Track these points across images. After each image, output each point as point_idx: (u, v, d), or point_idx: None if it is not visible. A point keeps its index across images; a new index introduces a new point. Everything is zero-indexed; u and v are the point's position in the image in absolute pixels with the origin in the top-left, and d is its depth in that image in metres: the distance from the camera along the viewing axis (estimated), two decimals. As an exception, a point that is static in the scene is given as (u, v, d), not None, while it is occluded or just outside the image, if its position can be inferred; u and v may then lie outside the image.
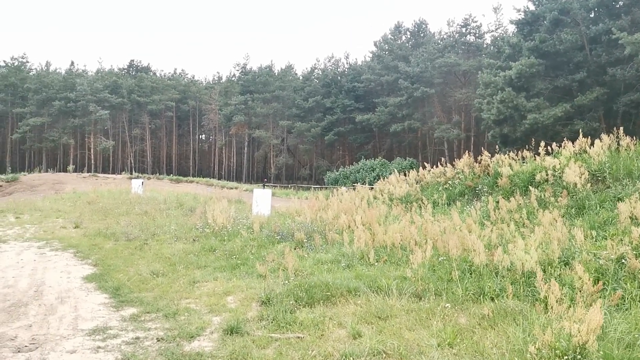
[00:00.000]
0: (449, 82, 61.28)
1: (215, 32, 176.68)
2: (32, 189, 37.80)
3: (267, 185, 44.84)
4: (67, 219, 19.08)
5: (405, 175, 19.50)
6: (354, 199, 17.07)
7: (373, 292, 7.45)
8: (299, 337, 5.83)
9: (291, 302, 7.08)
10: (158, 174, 64.33)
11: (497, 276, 7.51)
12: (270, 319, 6.49)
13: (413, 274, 7.77)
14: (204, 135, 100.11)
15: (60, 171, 61.52)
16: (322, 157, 78.46)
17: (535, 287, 6.78)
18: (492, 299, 6.80)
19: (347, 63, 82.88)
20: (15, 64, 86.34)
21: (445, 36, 66.75)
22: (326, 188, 37.52)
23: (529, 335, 5.37)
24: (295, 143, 77.28)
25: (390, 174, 33.05)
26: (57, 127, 79.00)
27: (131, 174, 60.67)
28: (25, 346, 5.82)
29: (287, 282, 7.98)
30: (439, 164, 18.51)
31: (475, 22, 63.53)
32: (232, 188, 40.88)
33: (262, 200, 18.57)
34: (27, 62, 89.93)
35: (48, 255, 12.26)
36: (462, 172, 16.66)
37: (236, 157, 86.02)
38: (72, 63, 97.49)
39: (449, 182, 16.51)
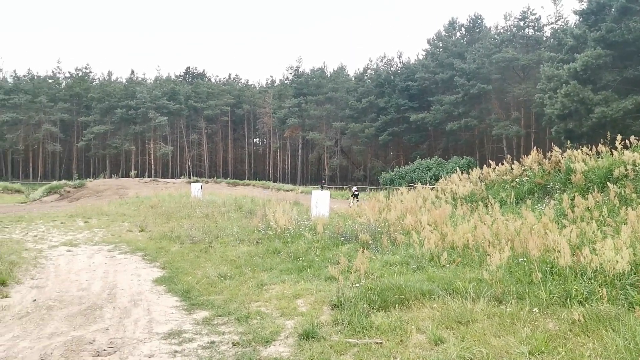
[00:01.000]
0: (507, 78, 59.59)
1: (269, 36, 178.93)
2: (98, 194, 39.16)
3: (324, 187, 44.81)
4: (133, 222, 19.54)
5: (463, 174, 18.95)
6: (416, 199, 16.68)
7: (449, 295, 7.13)
8: (378, 343, 5.59)
9: (364, 306, 6.86)
10: (215, 177, 65.46)
11: (583, 278, 7.04)
12: (345, 324, 6.28)
13: (490, 276, 7.39)
14: (258, 139, 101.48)
15: (123, 177, 63.61)
16: (376, 157, 77.92)
17: (628, 290, 6.29)
18: (581, 303, 6.36)
19: (400, 62, 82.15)
20: (80, 75, 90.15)
21: (502, 30, 65.00)
22: (382, 188, 37.11)
23: (631, 343, 4.93)
24: (349, 144, 77.10)
25: (447, 173, 32.40)
26: (119, 134, 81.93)
27: (189, 178, 62.04)
28: (104, 350, 5.84)
29: (357, 285, 7.76)
30: (504, 161, 17.84)
31: (534, 14, 61.53)
32: (288, 190, 41.07)
33: (321, 201, 18.45)
34: (90, 72, 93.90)
35: (118, 258, 12.53)
36: (530, 169, 15.99)
37: (290, 159, 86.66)
38: (132, 72, 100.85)
39: (516, 179, 15.90)
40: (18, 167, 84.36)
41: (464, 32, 73.88)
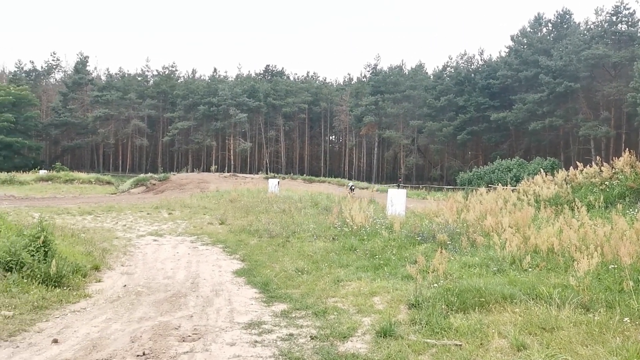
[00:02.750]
0: (597, 76, 56.51)
1: (347, 35, 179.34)
2: (181, 188, 40.81)
3: (401, 186, 44.41)
4: (213, 215, 20.24)
5: (547, 175, 18.16)
6: (496, 200, 16.19)
7: (532, 300, 6.88)
8: (457, 345, 5.50)
9: (443, 307, 6.77)
10: (292, 174, 66.47)
11: (680, 290, 6.58)
12: (423, 323, 6.22)
13: (577, 283, 7.06)
14: (334, 136, 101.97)
15: (204, 171, 65.94)
16: (454, 157, 76.28)
17: None
18: (678, 316, 5.95)
19: (481, 59, 79.83)
20: (166, 73, 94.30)
21: (592, 26, 61.66)
22: (460, 189, 36.27)
23: None
24: (426, 143, 75.95)
25: (529, 174, 31.14)
26: (201, 130, 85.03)
27: (267, 174, 63.39)
28: (189, 336, 6.11)
29: (435, 285, 7.66)
30: (592, 163, 16.94)
31: (628, 9, 57.98)
32: (363, 188, 41.04)
33: (397, 200, 18.30)
34: (176, 70, 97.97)
35: (200, 249, 13.04)
36: (622, 171, 15.10)
37: (366, 157, 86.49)
38: (215, 70, 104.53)
39: (606, 182, 15.06)
40: (109, 160, 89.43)
41: (550, 28, 70.75)
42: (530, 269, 8.42)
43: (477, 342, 5.63)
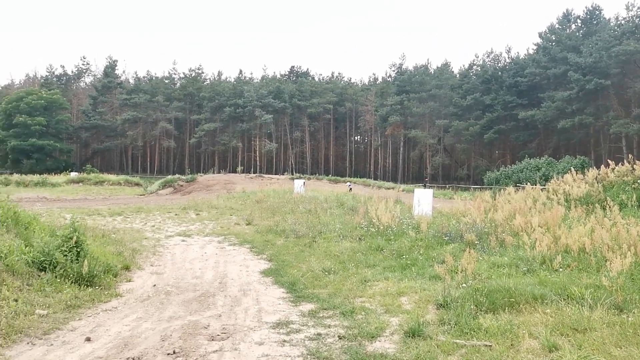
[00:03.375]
0: (628, 72, 55.23)
1: (372, 35, 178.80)
2: (208, 189, 41.23)
3: (427, 185, 44.15)
4: (240, 216, 20.39)
5: (577, 174, 17.82)
6: (525, 200, 15.96)
7: (563, 301, 6.77)
8: (487, 346, 5.44)
9: (471, 307, 6.70)
10: (317, 174, 66.58)
11: None
12: (452, 324, 6.17)
13: (610, 283, 6.92)
14: (359, 137, 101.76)
15: (230, 172, 66.50)
16: (480, 156, 75.40)
17: None
18: None
19: (508, 57, 78.70)
20: (193, 75, 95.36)
21: (623, 22, 60.22)
22: (487, 188, 35.83)
23: None
24: (452, 142, 75.24)
25: (558, 173, 30.56)
26: (227, 132, 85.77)
27: (292, 174, 63.61)
28: (218, 335, 6.17)
29: (464, 285, 7.59)
30: (624, 161, 16.58)
31: (661, 3, 56.37)
32: (389, 188, 40.92)
33: (424, 200, 18.18)
34: (202, 72, 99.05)
35: (227, 250, 13.15)
36: (655, 170, 14.73)
37: (391, 157, 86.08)
38: (240, 71, 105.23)
39: (638, 181, 14.72)
40: (137, 161, 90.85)
41: (579, 25, 69.39)
42: (561, 269, 8.29)
43: (508, 343, 5.56)
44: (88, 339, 5.98)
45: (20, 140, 72.02)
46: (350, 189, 38.27)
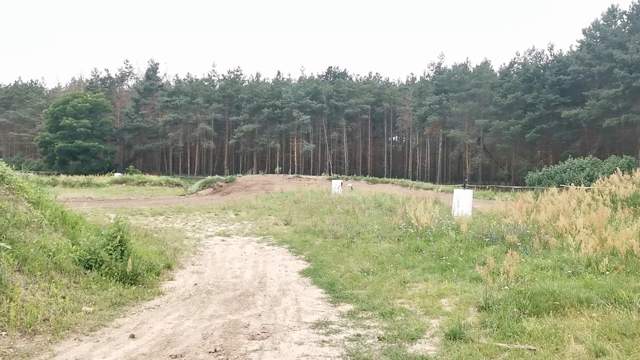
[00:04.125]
0: (678, 68, 53.13)
1: (409, 35, 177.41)
2: (246, 189, 41.68)
3: (467, 186, 43.56)
4: (278, 216, 20.54)
5: (624, 174, 17.24)
6: (569, 201, 15.55)
7: (610, 305, 6.56)
8: (531, 350, 5.32)
9: (514, 310, 6.57)
10: (354, 175, 66.47)
11: None
12: (494, 327, 6.06)
13: (660, 287, 6.68)
14: (397, 137, 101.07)
15: (268, 173, 67.06)
16: (521, 156, 73.77)
17: None
18: None
19: (550, 55, 76.76)
20: (232, 77, 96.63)
21: (672, 16, 57.96)
22: (529, 189, 35.07)
23: None
24: (492, 142, 73.90)
25: (604, 173, 29.68)
26: (265, 133, 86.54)
27: (330, 175, 63.69)
28: (258, 334, 6.23)
29: (506, 287, 7.45)
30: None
31: None
32: (427, 189, 40.50)
33: (463, 200, 17.94)
34: (241, 74, 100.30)
35: (266, 250, 13.27)
36: None
37: (430, 157, 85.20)
38: (278, 73, 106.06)
39: (690, 181, 14.14)
40: (177, 162, 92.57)
41: (625, 20, 67.13)
42: (607, 272, 8.04)
43: (552, 347, 5.43)
44: (132, 336, 6.12)
45: (66, 142, 74.38)
46: (351, 187, 38.05)
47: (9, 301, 6.13)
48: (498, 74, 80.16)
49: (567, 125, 63.93)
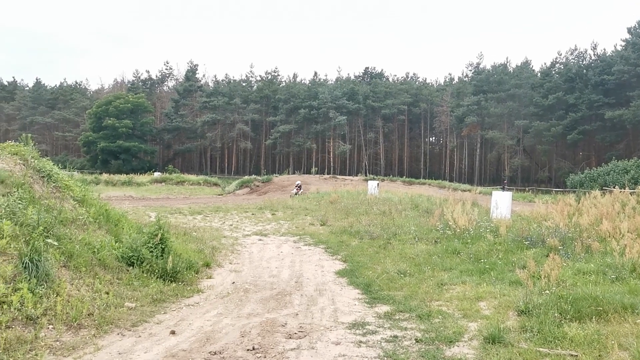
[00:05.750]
0: None
1: (448, 36, 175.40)
2: (282, 189, 41.95)
3: (506, 188, 42.83)
4: (314, 216, 20.59)
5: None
6: (612, 204, 15.14)
7: (656, 312, 6.37)
8: (572, 355, 5.22)
9: (555, 315, 6.44)
10: (391, 176, 66.07)
11: None
12: (535, 331, 5.96)
13: None
14: (434, 138, 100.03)
15: (304, 173, 67.26)
16: (563, 158, 72.04)
17: None
18: None
19: (594, 54, 74.64)
20: (269, 78, 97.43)
21: None
22: (570, 191, 34.23)
23: None
24: (533, 143, 72.40)
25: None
26: (302, 133, 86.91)
27: (366, 175, 63.50)
28: (295, 333, 6.28)
29: (547, 291, 7.30)
30: None
31: None
32: (465, 190, 39.94)
33: (502, 203, 17.67)
34: (278, 75, 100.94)
35: (302, 249, 13.34)
36: None
37: (468, 159, 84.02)
38: (315, 73, 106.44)
39: None
40: (215, 162, 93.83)
41: (674, 17, 64.89)
42: (653, 278, 7.81)
43: (595, 354, 5.31)
44: (173, 332, 6.26)
45: (108, 141, 76.39)
46: (299, 187, 37.77)
47: (56, 296, 6.35)
48: (539, 74, 78.47)
49: (611, 126, 62.19)
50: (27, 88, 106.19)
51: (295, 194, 35.24)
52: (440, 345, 5.78)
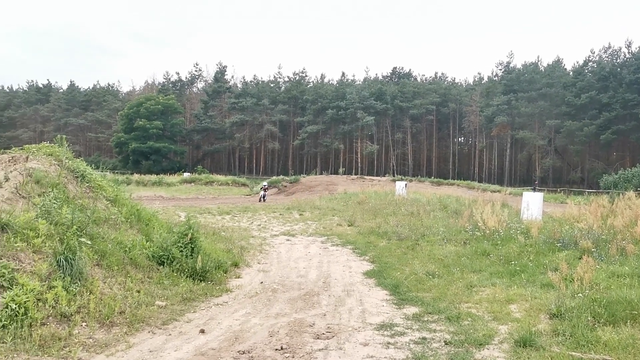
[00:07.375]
0: None
1: (476, 35, 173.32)
2: (310, 189, 42.03)
3: (537, 189, 42.15)
4: (342, 217, 20.58)
5: None
6: (649, 205, 14.75)
7: (694, 317, 6.18)
8: (606, 360, 5.11)
9: (588, 318, 6.30)
10: (419, 176, 65.59)
11: None
12: (567, 335, 5.84)
13: None
14: (463, 138, 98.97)
15: (332, 173, 67.30)
16: (596, 158, 70.50)
17: None
18: None
19: (628, 52, 72.88)
20: (297, 79, 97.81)
21: None
22: (604, 193, 33.50)
23: None
24: (565, 144, 71.03)
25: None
26: (329, 134, 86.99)
27: (393, 176, 63.19)
28: (323, 334, 6.28)
29: (579, 294, 7.15)
30: None
31: None
32: (494, 191, 39.45)
33: (533, 204, 17.41)
34: (306, 76, 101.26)
35: (330, 250, 13.34)
36: None
37: (497, 159, 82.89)
38: (343, 74, 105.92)
39: None
40: (243, 163, 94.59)
41: None
42: (691, 282, 7.58)
43: (630, 358, 5.18)
44: (202, 331, 6.33)
45: (139, 142, 77.68)
46: (266, 189, 34.05)
47: (89, 294, 6.49)
48: (571, 73, 77.04)
49: (647, 126, 60.67)
50: (61, 90, 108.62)
51: (263, 197, 31.56)
52: (469, 348, 5.72)
